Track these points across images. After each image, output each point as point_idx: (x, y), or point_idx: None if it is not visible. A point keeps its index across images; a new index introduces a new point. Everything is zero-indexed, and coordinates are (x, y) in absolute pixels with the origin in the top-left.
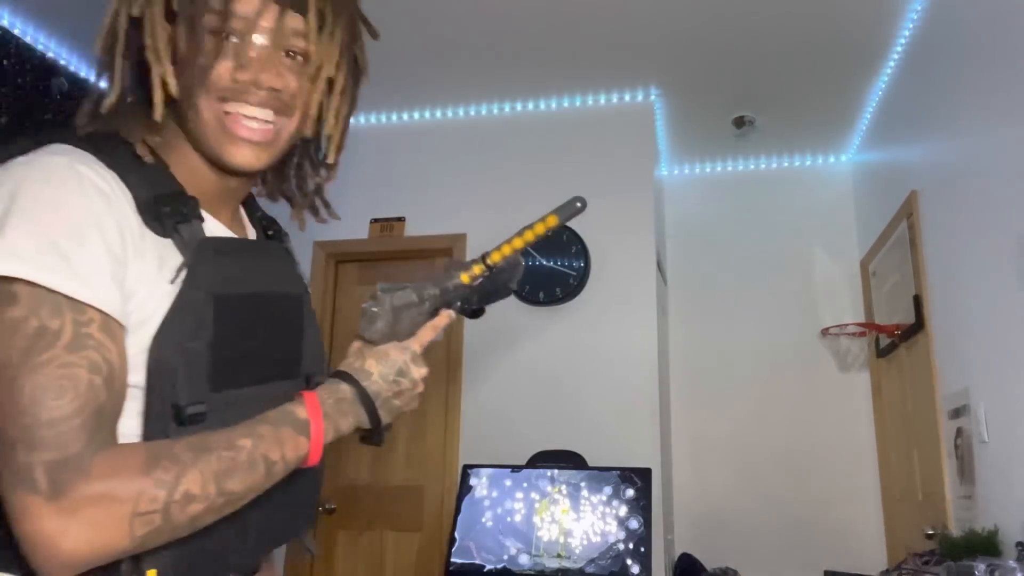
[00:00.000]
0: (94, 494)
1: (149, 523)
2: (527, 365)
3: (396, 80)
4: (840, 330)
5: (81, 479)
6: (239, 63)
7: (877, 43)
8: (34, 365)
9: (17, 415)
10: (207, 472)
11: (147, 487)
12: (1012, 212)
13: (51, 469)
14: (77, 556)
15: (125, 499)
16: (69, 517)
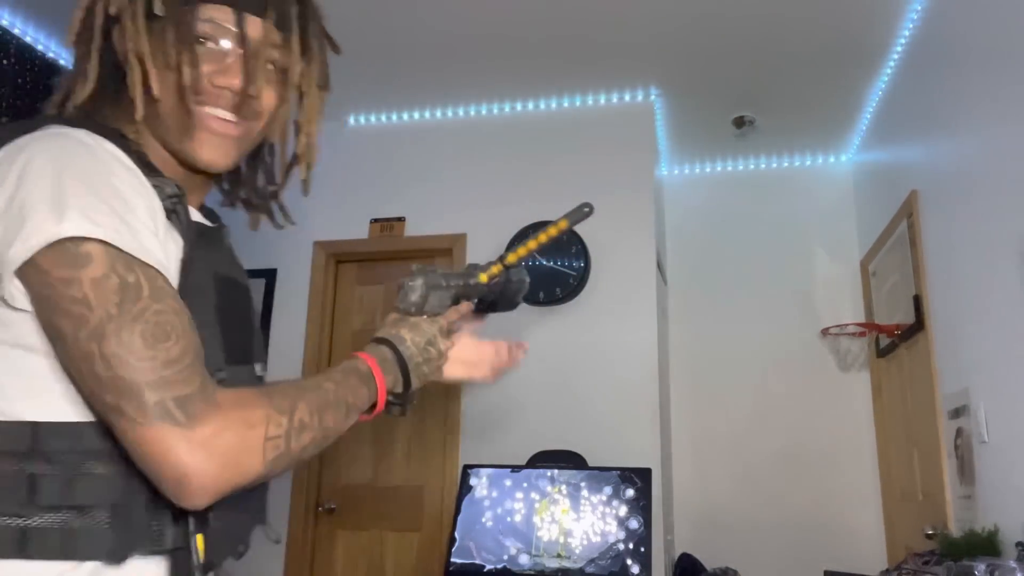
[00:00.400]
0: (230, 422)
1: (276, 448)
2: (527, 365)
3: (396, 80)
4: (840, 330)
5: (215, 409)
6: (219, 69)
7: (877, 43)
8: (135, 314)
9: (136, 361)
10: (311, 405)
11: (272, 414)
12: (1012, 212)
13: (184, 403)
14: (221, 481)
15: (257, 424)
16: (212, 445)
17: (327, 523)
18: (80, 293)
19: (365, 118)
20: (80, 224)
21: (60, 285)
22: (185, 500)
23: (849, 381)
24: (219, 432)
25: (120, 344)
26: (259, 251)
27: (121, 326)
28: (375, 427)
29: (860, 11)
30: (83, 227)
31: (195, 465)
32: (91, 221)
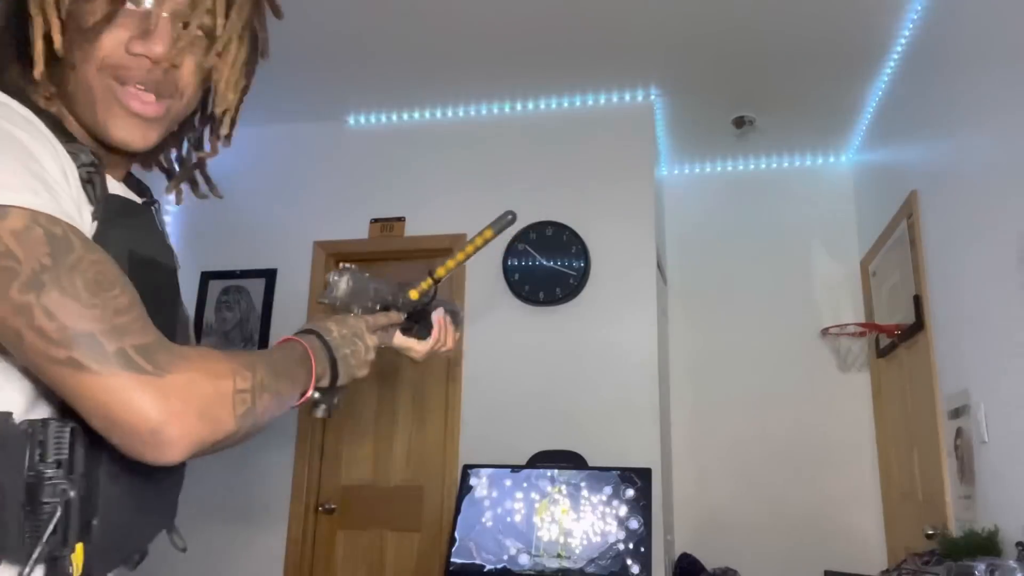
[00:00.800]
0: (199, 372)
1: (244, 402)
2: (527, 365)
3: (396, 80)
4: (840, 330)
5: (180, 359)
6: (136, 33)
7: (877, 43)
8: (70, 264)
9: (81, 308)
10: (268, 368)
11: (238, 368)
12: (1012, 212)
13: (148, 351)
14: (197, 433)
15: (225, 376)
16: (185, 393)
17: (327, 523)
18: (2, 247)
19: (365, 118)
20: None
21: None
22: (159, 453)
23: (849, 381)
24: (190, 381)
25: (63, 292)
26: (259, 251)
27: (59, 275)
28: (375, 427)
29: (860, 11)
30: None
31: (170, 414)
32: (9, 188)
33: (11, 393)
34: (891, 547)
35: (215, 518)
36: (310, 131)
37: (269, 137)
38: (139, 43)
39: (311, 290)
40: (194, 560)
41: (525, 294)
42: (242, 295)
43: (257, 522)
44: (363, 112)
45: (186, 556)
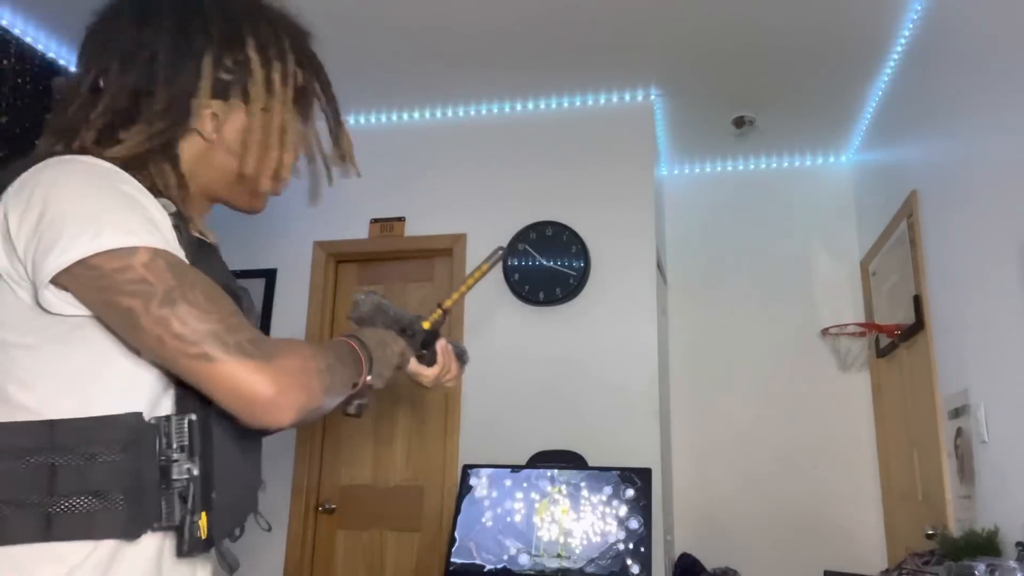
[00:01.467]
0: (293, 356)
1: (323, 380)
2: (527, 365)
3: (396, 80)
4: (840, 330)
5: (278, 347)
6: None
7: (877, 43)
8: (191, 282)
9: (204, 315)
10: (332, 356)
11: (313, 353)
12: (1012, 212)
13: (255, 344)
14: (301, 402)
15: (309, 358)
16: (288, 372)
17: (327, 523)
18: (137, 275)
19: (365, 118)
20: (116, 237)
21: (116, 274)
22: (275, 418)
23: (849, 381)
24: (290, 363)
25: (190, 304)
26: (259, 251)
27: (184, 291)
28: (375, 427)
29: (860, 11)
30: (119, 239)
31: (280, 389)
32: (126, 232)
33: (138, 396)
34: (891, 547)
35: None
36: None
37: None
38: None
39: (311, 290)
40: None
41: (525, 294)
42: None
43: None
44: (363, 112)
45: None
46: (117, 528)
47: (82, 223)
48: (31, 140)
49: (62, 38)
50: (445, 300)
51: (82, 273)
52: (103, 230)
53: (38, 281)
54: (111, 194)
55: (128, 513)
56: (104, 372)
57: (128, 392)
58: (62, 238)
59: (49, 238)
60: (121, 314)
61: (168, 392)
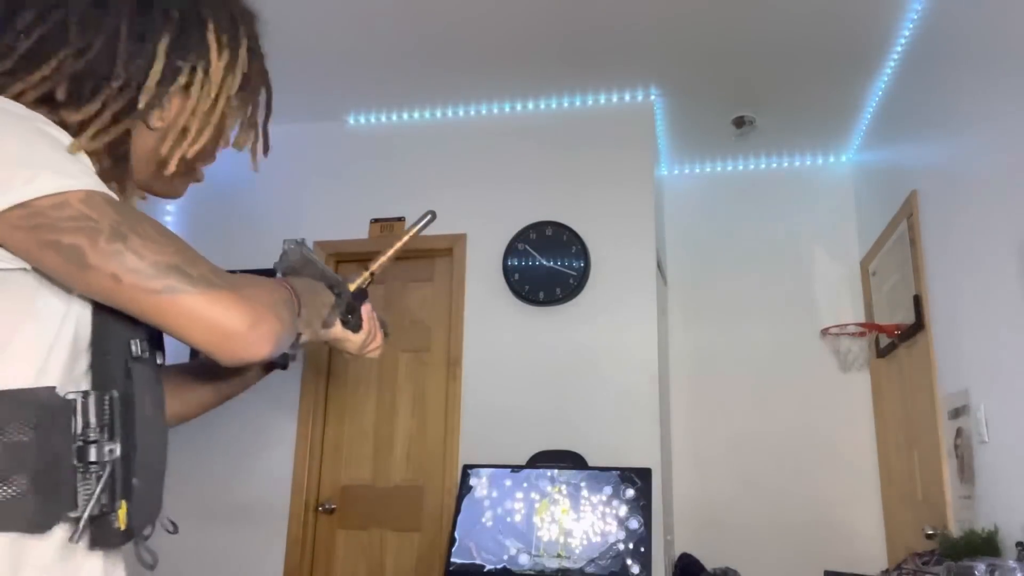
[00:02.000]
0: (257, 288)
1: (280, 311)
2: (527, 365)
3: (396, 80)
4: (840, 330)
5: (240, 279)
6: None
7: (877, 43)
8: (137, 217)
9: (160, 247)
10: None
11: (270, 286)
12: (1012, 212)
13: (219, 274)
14: (276, 328)
15: (271, 289)
16: (256, 300)
17: (327, 523)
18: (76, 211)
19: (365, 118)
20: (53, 180)
21: (53, 211)
22: (255, 350)
23: (849, 381)
24: (256, 293)
25: (144, 235)
26: (259, 251)
27: (133, 224)
28: (375, 427)
29: (860, 11)
30: (57, 182)
31: (257, 316)
32: (64, 175)
33: (53, 369)
34: (891, 547)
35: (215, 518)
36: (310, 131)
37: (269, 137)
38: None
39: None
40: (195, 559)
41: (525, 294)
42: None
43: (257, 522)
44: (363, 112)
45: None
46: (23, 519)
47: (13, 167)
48: None
49: None
50: (372, 264)
51: (14, 217)
52: (38, 174)
53: None
54: (40, 138)
55: (36, 501)
56: (15, 338)
57: (41, 363)
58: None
59: None
60: (64, 254)
61: (85, 365)
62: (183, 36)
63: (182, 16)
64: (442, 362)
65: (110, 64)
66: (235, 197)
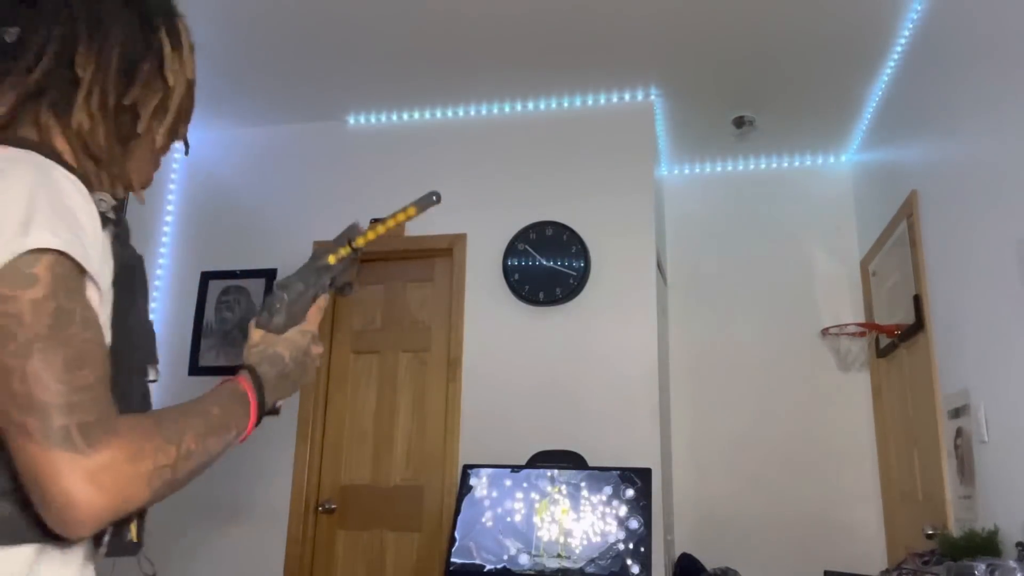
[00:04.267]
0: (123, 453)
1: (162, 476)
2: (527, 365)
3: (396, 80)
4: (840, 330)
5: (112, 436)
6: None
7: (877, 43)
8: (62, 339)
9: (50, 382)
10: (198, 431)
11: (162, 444)
12: (1012, 212)
13: (86, 429)
14: (105, 513)
15: (148, 456)
16: (102, 477)
17: (327, 523)
18: (15, 309)
19: (365, 118)
20: (41, 236)
21: (18, 284)
22: (66, 528)
23: (849, 381)
24: (112, 463)
25: (44, 364)
26: (259, 251)
27: (47, 347)
28: (375, 427)
29: (860, 11)
30: (44, 239)
31: (83, 496)
32: (51, 233)
33: None
34: (891, 547)
35: (215, 518)
36: (310, 131)
37: (269, 137)
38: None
39: None
40: (194, 559)
41: (525, 294)
42: (242, 295)
43: (257, 522)
44: (363, 112)
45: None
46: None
47: (15, 226)
48: None
49: None
50: (358, 237)
51: None
52: (30, 230)
53: None
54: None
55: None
56: None
57: None
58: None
59: None
60: None
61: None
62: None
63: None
64: (442, 362)
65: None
66: (235, 197)
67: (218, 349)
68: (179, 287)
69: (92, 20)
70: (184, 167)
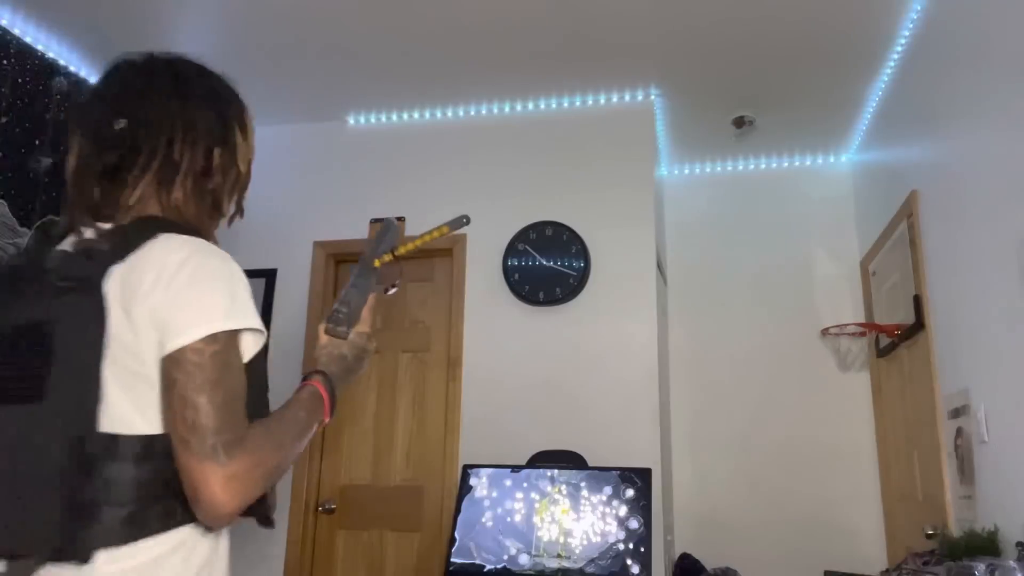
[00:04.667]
0: (250, 463)
1: (273, 475)
2: (527, 365)
3: (396, 80)
4: (840, 330)
5: (243, 451)
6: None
7: (877, 43)
8: (226, 384)
9: (210, 413)
10: (294, 435)
11: (273, 450)
12: (1012, 212)
13: (228, 446)
14: (238, 509)
15: (265, 460)
16: (235, 480)
17: (327, 523)
18: (201, 360)
19: (365, 118)
20: (232, 321)
21: (202, 355)
22: (208, 522)
23: (849, 381)
24: (241, 471)
25: (208, 399)
26: (259, 251)
27: (214, 388)
28: (375, 427)
29: (860, 11)
30: (234, 323)
31: (221, 499)
32: (240, 317)
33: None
34: (891, 547)
35: None
36: (310, 131)
37: (269, 137)
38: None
39: (311, 290)
40: None
41: (525, 294)
42: None
43: None
44: (363, 112)
45: None
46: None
47: (222, 308)
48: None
49: (62, 38)
50: (399, 247)
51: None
52: (234, 311)
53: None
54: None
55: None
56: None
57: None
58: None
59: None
60: (170, 378)
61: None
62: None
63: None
64: (442, 362)
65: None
66: None
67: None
68: None
69: (187, 120)
70: None
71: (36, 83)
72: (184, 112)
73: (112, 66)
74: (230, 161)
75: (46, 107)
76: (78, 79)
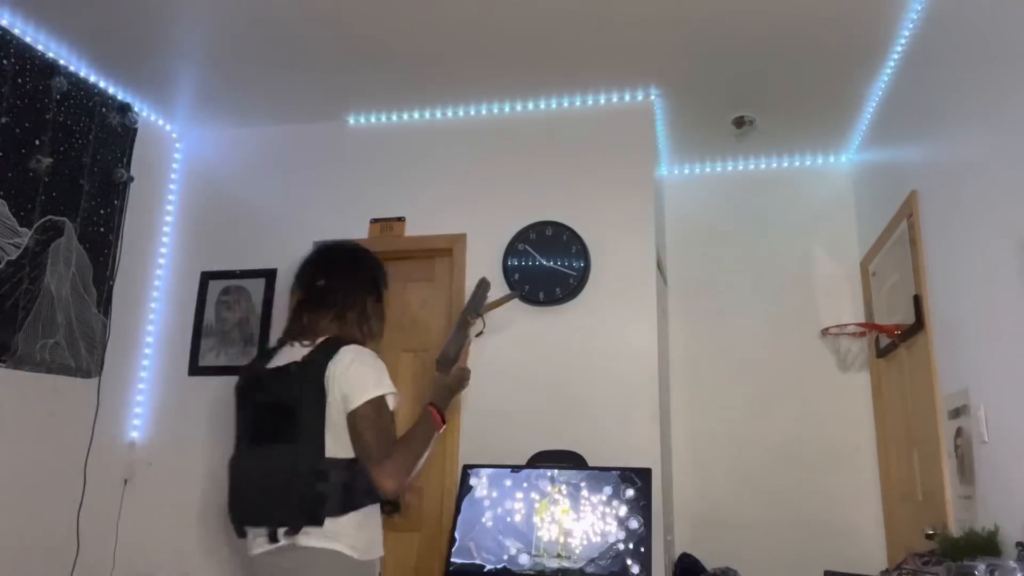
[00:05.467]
0: (396, 463)
1: (411, 472)
2: (527, 365)
3: (396, 80)
4: (840, 330)
5: (391, 460)
6: None
7: (877, 43)
8: (388, 427)
9: (379, 442)
10: (422, 446)
11: (409, 457)
12: (1012, 212)
13: (390, 456)
14: (397, 489)
15: (406, 464)
16: (391, 475)
17: None
18: (369, 412)
19: (365, 118)
20: (381, 389)
21: (368, 409)
22: (385, 495)
23: (849, 381)
24: (392, 469)
25: (374, 434)
26: (259, 251)
27: (383, 428)
28: None
29: (860, 11)
30: (383, 390)
31: (386, 485)
32: (385, 387)
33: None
34: (891, 547)
35: (216, 517)
36: (310, 131)
37: (269, 137)
38: None
39: None
40: (194, 559)
41: (525, 294)
42: (242, 295)
43: None
44: (363, 112)
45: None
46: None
47: (375, 382)
48: (31, 140)
49: (62, 38)
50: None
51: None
52: (381, 384)
53: (350, 403)
54: (376, 370)
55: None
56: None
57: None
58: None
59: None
60: (358, 426)
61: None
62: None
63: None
64: None
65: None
66: (235, 197)
67: (218, 349)
68: (179, 287)
69: (356, 285)
70: (184, 167)
71: (36, 83)
72: (355, 280)
73: (321, 247)
74: (377, 306)
75: (46, 107)
76: (78, 79)
